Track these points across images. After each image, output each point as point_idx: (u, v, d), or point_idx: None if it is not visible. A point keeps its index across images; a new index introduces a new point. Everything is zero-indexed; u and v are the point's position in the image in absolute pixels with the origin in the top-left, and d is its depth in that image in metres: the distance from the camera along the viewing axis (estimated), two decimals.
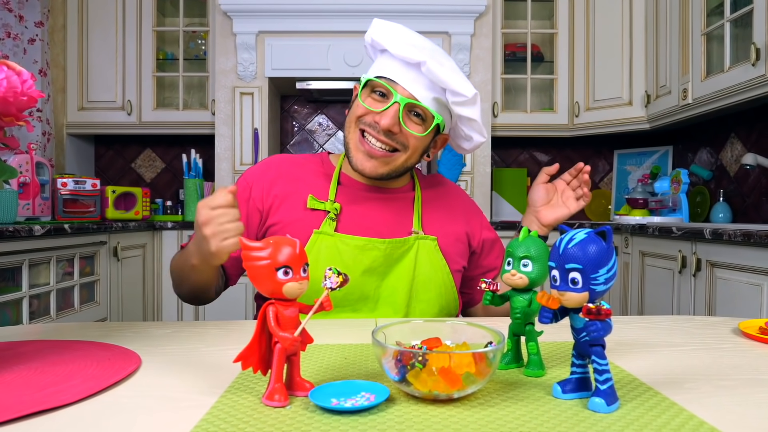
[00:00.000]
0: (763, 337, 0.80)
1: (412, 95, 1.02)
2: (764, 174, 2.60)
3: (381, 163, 1.07)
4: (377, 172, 1.08)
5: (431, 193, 1.22)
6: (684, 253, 2.12)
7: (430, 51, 1.03)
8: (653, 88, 3.01)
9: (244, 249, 0.55)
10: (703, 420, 0.50)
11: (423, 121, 1.05)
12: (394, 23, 1.07)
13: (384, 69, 1.05)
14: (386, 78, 1.04)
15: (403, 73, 1.03)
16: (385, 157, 1.06)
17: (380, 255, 1.07)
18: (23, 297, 2.02)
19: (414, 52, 1.01)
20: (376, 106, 1.04)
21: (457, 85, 1.01)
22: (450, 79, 1.00)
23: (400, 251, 1.10)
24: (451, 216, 1.20)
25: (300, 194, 1.12)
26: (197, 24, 3.52)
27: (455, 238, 1.18)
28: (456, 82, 1.01)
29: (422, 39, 1.06)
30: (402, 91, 1.02)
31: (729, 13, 2.34)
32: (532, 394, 0.57)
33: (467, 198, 1.30)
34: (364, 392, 0.55)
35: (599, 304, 0.51)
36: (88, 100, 3.39)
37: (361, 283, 1.07)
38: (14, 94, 0.58)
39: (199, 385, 0.60)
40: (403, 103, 1.01)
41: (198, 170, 3.37)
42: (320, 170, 1.18)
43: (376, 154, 1.06)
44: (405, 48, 1.02)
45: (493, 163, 3.71)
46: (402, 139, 1.05)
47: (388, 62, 1.05)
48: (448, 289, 1.14)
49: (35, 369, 0.63)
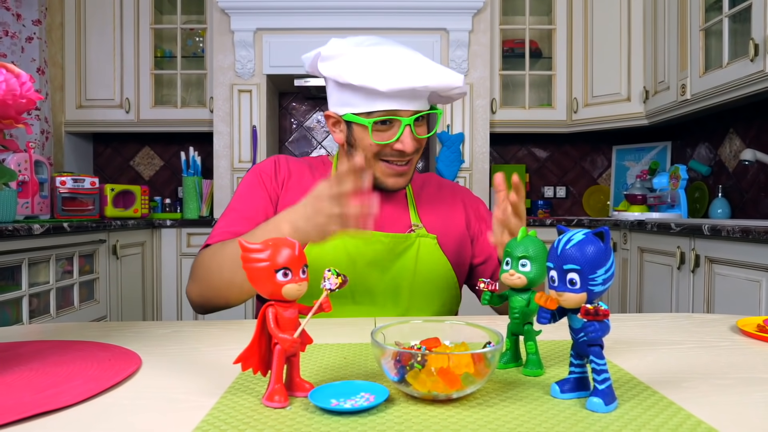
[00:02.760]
0: (760, 335, 0.80)
1: (414, 110, 1.03)
2: (763, 169, 2.60)
3: (408, 174, 1.11)
4: (407, 182, 1.12)
5: (421, 190, 1.23)
6: (683, 249, 2.13)
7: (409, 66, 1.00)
8: (652, 83, 3.01)
9: (243, 250, 0.55)
10: (700, 419, 0.50)
11: (425, 119, 1.08)
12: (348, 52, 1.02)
13: (379, 104, 1.01)
14: (385, 111, 1.02)
15: (397, 98, 1.01)
16: (410, 167, 1.10)
17: (383, 248, 1.09)
18: (23, 296, 2.02)
19: (401, 80, 0.98)
20: (386, 137, 1.04)
21: (450, 82, 1.01)
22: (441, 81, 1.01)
23: (402, 246, 1.11)
24: (447, 206, 1.21)
25: (303, 190, 1.13)
26: (195, 21, 3.51)
27: (453, 231, 1.19)
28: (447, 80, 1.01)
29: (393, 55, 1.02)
30: (404, 113, 1.02)
31: (727, 9, 2.34)
32: (531, 394, 0.57)
33: (456, 186, 1.30)
34: (363, 393, 0.55)
35: (597, 304, 0.51)
36: (86, 98, 3.39)
37: (364, 275, 1.08)
38: (13, 96, 0.58)
39: (199, 386, 0.60)
40: (411, 122, 1.03)
41: (196, 168, 3.36)
42: (323, 171, 1.20)
43: (405, 170, 1.09)
44: (391, 81, 0.97)
45: (492, 160, 3.71)
46: (417, 146, 1.08)
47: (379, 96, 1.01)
48: (450, 285, 1.15)
49: (36, 370, 0.63)
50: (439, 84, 1.00)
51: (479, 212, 1.24)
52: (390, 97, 1.00)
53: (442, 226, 1.17)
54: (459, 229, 1.20)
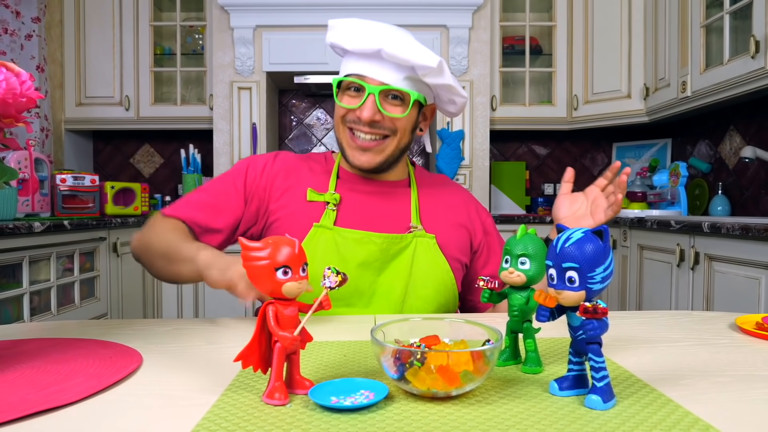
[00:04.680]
0: (759, 333, 0.80)
1: (383, 82, 1.05)
2: (763, 167, 2.60)
3: (375, 153, 1.10)
4: (374, 162, 1.11)
5: (429, 189, 1.22)
6: (682, 246, 2.13)
7: (385, 35, 1.04)
8: (652, 80, 3.00)
9: (244, 249, 0.56)
10: (698, 417, 0.50)
11: (402, 102, 1.08)
12: (348, 19, 1.10)
13: (350, 67, 1.08)
14: (354, 74, 1.07)
15: (368, 65, 1.05)
16: (378, 145, 1.10)
17: (376, 249, 1.08)
18: (24, 293, 2.03)
19: (368, 41, 1.03)
20: (353, 102, 1.08)
21: (419, 59, 1.01)
22: (410, 56, 1.01)
23: (398, 247, 1.10)
24: (451, 211, 1.20)
25: (300, 188, 1.15)
26: (194, 18, 3.50)
27: (455, 233, 1.17)
28: (417, 56, 1.01)
29: (376, 25, 1.07)
30: (372, 81, 1.05)
31: (728, 5, 2.34)
32: (530, 391, 0.57)
33: (468, 194, 1.29)
34: (363, 390, 0.55)
35: (596, 302, 0.51)
36: (86, 96, 3.38)
37: (356, 276, 1.07)
38: (13, 95, 0.58)
39: (199, 384, 0.60)
40: (376, 92, 1.04)
41: (196, 165, 3.37)
42: (322, 167, 1.20)
43: (368, 145, 1.09)
44: (359, 41, 1.04)
45: (492, 157, 3.71)
46: (388, 124, 1.08)
47: (352, 60, 1.08)
48: (447, 287, 1.13)
49: (38, 368, 0.63)
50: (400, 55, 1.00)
51: (486, 226, 1.23)
52: (359, 58, 1.06)
53: (443, 224, 1.16)
54: (461, 229, 1.19)
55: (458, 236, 1.18)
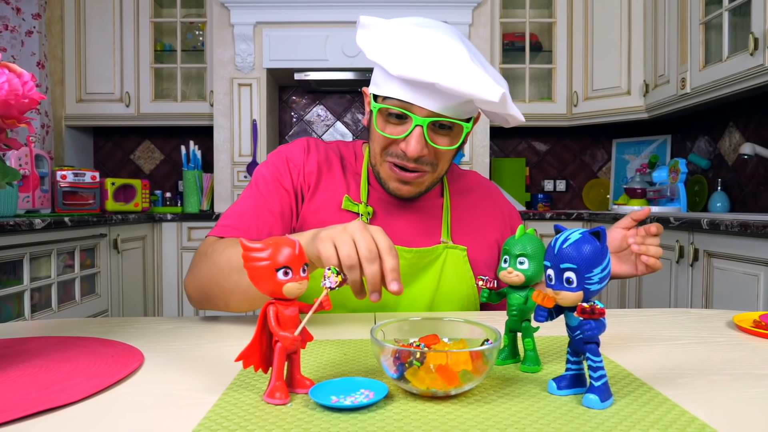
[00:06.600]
0: (757, 331, 0.81)
1: (432, 111, 0.92)
2: (762, 163, 2.60)
3: (416, 186, 1.03)
4: (415, 193, 1.05)
5: (462, 199, 1.17)
6: (681, 243, 2.13)
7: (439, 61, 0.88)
8: (652, 77, 3.00)
9: (244, 249, 0.56)
10: (695, 416, 0.51)
11: (450, 130, 0.97)
12: (386, 24, 0.93)
13: (392, 89, 0.93)
14: (397, 100, 0.93)
15: (415, 91, 0.91)
16: (419, 177, 1.01)
17: (405, 264, 1.02)
18: (25, 290, 2.03)
19: (420, 71, 0.87)
20: (396, 132, 0.96)
21: (481, 94, 0.87)
22: (471, 90, 0.87)
23: (427, 260, 1.06)
24: (484, 223, 1.15)
25: (333, 190, 1.08)
26: (195, 15, 3.50)
27: (487, 251, 1.13)
28: (478, 90, 0.87)
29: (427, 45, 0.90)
30: (420, 111, 0.92)
31: (728, 2, 2.33)
32: (528, 390, 0.58)
33: (503, 201, 1.21)
34: (363, 389, 0.56)
35: (593, 303, 0.52)
36: (86, 92, 3.39)
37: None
38: (15, 96, 0.58)
39: (200, 383, 0.61)
40: (425, 124, 0.92)
41: (197, 162, 3.37)
42: (353, 167, 1.13)
43: (410, 178, 1.01)
44: (408, 68, 0.88)
45: (492, 153, 3.71)
46: (431, 158, 0.99)
47: (394, 81, 0.92)
48: (471, 302, 1.10)
49: (39, 367, 0.64)
50: (456, 88, 0.86)
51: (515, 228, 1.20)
52: (403, 85, 0.91)
53: (475, 240, 1.11)
54: (494, 248, 1.14)
55: (490, 255, 1.14)
